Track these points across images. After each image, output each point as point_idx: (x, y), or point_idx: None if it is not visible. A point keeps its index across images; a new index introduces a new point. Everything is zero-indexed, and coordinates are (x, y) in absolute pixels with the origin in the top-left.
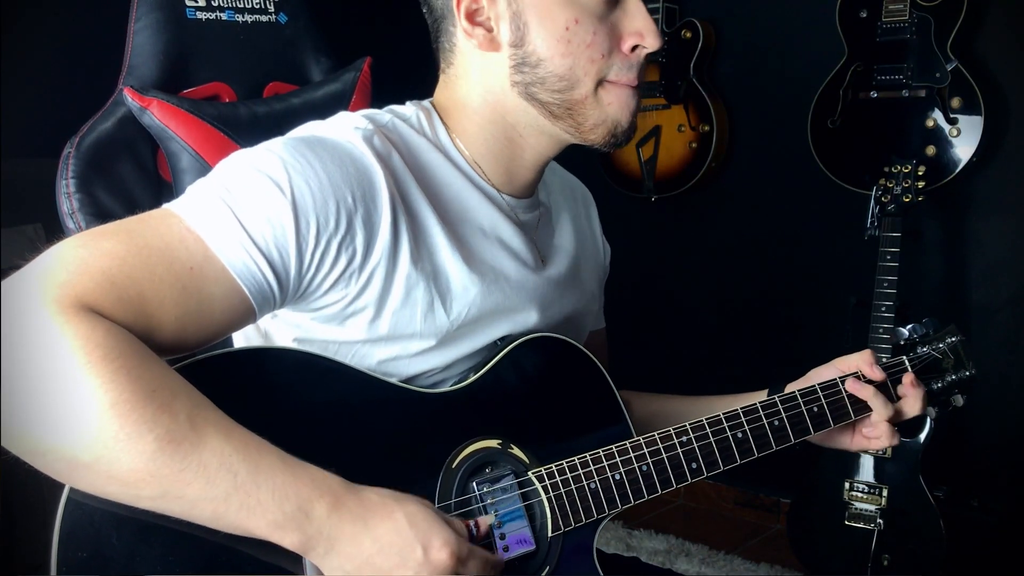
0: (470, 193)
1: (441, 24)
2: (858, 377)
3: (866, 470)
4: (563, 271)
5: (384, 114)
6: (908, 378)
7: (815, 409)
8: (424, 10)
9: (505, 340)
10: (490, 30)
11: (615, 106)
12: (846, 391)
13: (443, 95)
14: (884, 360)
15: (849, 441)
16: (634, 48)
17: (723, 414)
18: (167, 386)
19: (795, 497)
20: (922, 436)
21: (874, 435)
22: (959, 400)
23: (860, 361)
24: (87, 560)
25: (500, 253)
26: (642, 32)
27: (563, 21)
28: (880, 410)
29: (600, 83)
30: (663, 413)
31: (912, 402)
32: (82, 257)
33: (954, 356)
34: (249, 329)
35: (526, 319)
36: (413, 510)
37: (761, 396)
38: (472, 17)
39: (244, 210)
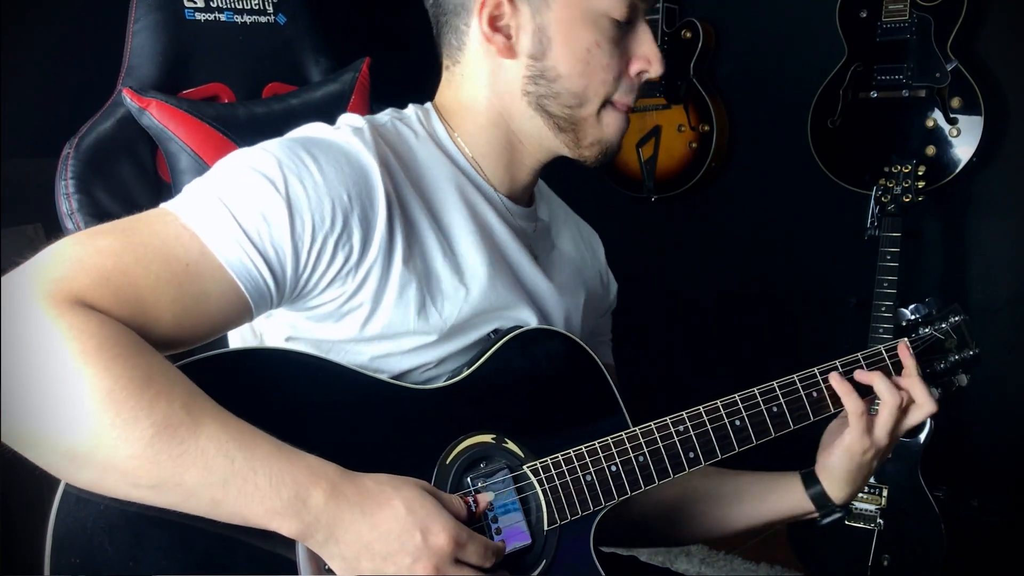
0: (467, 191)
1: (450, 19)
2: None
3: None
4: (559, 278)
5: (383, 115)
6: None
7: (814, 394)
8: (429, 2)
9: (498, 333)
10: (509, 37)
11: (612, 128)
12: (853, 379)
13: (447, 93)
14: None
15: (866, 439)
16: (639, 73)
17: (720, 401)
18: (163, 375)
19: None
20: (922, 436)
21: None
22: (963, 380)
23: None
24: (80, 566)
25: (495, 254)
26: (649, 58)
27: (586, 43)
28: (888, 396)
29: (604, 104)
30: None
31: (914, 385)
32: (77, 254)
33: (957, 336)
34: (244, 329)
35: (519, 318)
36: (411, 496)
37: (794, 480)
38: (493, 22)
39: (240, 208)
